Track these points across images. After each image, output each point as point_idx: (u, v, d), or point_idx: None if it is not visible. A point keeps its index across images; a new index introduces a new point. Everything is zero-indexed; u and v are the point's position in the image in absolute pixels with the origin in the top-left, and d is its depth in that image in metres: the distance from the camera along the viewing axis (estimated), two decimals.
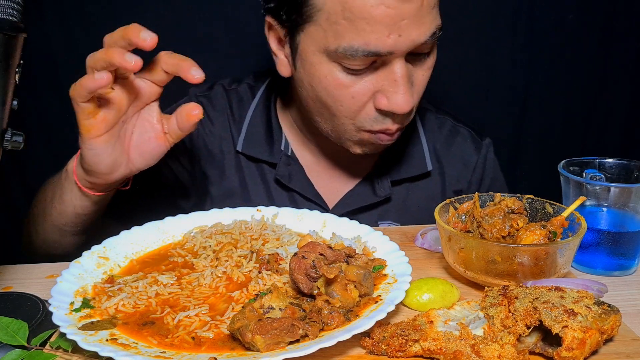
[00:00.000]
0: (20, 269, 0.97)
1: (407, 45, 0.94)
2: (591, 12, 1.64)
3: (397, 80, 0.96)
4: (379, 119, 1.01)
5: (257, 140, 1.20)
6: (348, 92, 0.99)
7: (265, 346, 0.65)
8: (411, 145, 1.21)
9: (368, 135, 1.05)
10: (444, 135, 1.26)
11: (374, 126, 1.02)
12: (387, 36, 0.92)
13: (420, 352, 0.68)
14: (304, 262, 0.76)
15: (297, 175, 1.18)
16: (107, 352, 0.63)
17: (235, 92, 1.25)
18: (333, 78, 0.98)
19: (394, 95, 0.97)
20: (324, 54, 0.97)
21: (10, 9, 0.70)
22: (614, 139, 1.79)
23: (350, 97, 0.99)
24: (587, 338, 0.64)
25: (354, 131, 1.05)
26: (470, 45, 1.63)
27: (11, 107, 0.75)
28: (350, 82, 0.98)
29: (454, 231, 0.83)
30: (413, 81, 1.00)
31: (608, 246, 0.91)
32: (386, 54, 0.94)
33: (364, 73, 0.97)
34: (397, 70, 0.96)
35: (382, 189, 1.18)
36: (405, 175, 1.20)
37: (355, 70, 0.97)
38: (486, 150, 1.27)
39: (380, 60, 0.96)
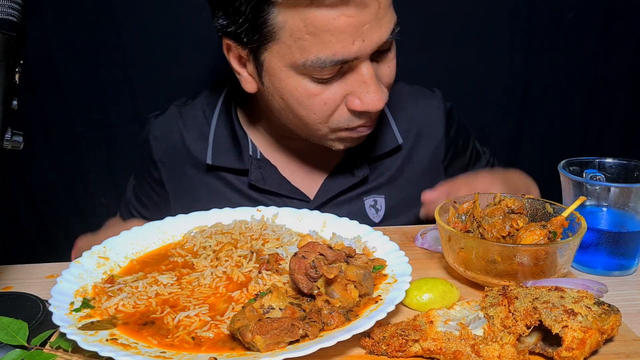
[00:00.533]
0: (20, 269, 0.97)
1: (371, 47, 0.97)
2: (590, 12, 1.64)
3: (366, 82, 0.99)
4: (353, 118, 1.04)
5: (225, 151, 1.20)
6: (319, 100, 1.01)
7: (265, 346, 0.65)
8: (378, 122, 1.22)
9: (345, 132, 1.07)
10: (404, 102, 1.28)
11: (351, 124, 1.05)
12: (352, 43, 0.94)
13: (420, 352, 0.68)
14: (304, 262, 0.76)
15: (271, 176, 1.19)
16: (107, 352, 0.63)
17: (191, 109, 1.25)
18: (304, 89, 1.00)
19: (365, 96, 1.00)
20: (292, 68, 0.98)
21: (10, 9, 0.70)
22: (614, 139, 1.79)
23: (322, 104, 1.01)
24: (587, 338, 0.64)
25: (330, 133, 1.07)
26: (470, 45, 1.63)
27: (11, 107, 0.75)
28: (321, 90, 1.00)
29: (454, 231, 0.83)
30: (380, 77, 1.03)
31: (608, 246, 0.91)
32: (353, 60, 0.96)
33: (333, 79, 1.00)
34: (365, 72, 0.98)
35: (359, 170, 1.20)
36: (379, 153, 1.22)
37: (324, 79, 0.99)
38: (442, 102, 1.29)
39: (347, 65, 0.98)
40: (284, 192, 1.19)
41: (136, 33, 1.53)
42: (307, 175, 1.22)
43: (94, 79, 1.56)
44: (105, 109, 1.59)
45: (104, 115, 1.59)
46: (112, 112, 1.59)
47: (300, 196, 1.19)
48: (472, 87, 1.67)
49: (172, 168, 1.23)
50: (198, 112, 1.24)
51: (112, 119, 1.60)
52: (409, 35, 1.57)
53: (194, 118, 1.24)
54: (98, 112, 1.59)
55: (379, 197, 1.22)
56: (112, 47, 1.53)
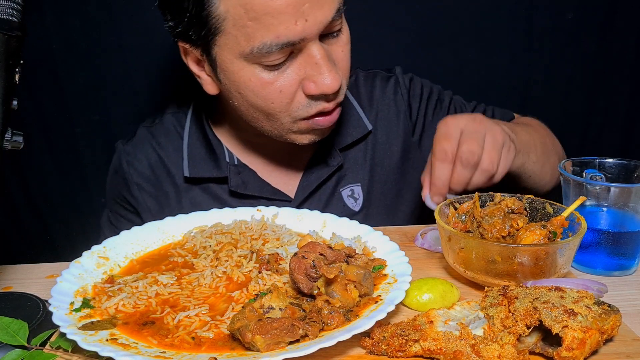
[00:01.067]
0: (20, 269, 0.97)
1: (316, 27, 0.96)
2: (591, 12, 1.64)
3: (318, 63, 0.99)
4: (311, 103, 1.03)
5: (201, 161, 1.19)
6: (275, 88, 1.00)
7: (265, 346, 0.65)
8: (346, 111, 1.24)
9: (305, 123, 1.06)
10: (364, 89, 1.29)
11: (309, 111, 1.04)
12: (295, 24, 0.93)
13: (420, 352, 0.68)
14: (304, 262, 0.76)
15: (251, 180, 1.19)
16: (107, 352, 0.63)
17: (161, 126, 1.24)
18: (257, 79, 1.00)
19: (319, 77, 0.99)
20: (242, 58, 0.98)
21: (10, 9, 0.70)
22: (614, 139, 1.79)
23: (278, 92, 1.01)
24: (587, 338, 0.64)
25: (291, 123, 1.06)
26: (470, 45, 1.63)
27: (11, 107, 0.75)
28: (274, 78, 1.00)
29: (454, 231, 0.83)
30: (334, 59, 1.02)
31: (608, 246, 0.91)
32: (299, 41, 0.96)
33: (285, 65, 0.99)
34: (315, 53, 0.98)
35: (332, 158, 1.20)
36: (350, 140, 1.22)
37: (275, 66, 0.99)
38: (402, 78, 1.30)
39: (297, 48, 0.98)
40: (266, 195, 1.18)
41: (136, 33, 1.53)
42: (284, 175, 1.23)
43: (94, 79, 1.56)
44: (105, 109, 1.59)
45: (104, 115, 1.59)
46: (112, 112, 1.59)
47: (281, 197, 1.19)
48: (473, 87, 1.67)
49: (151, 190, 1.21)
50: (169, 128, 1.24)
51: (112, 119, 1.60)
52: (410, 35, 1.58)
53: (167, 135, 1.23)
54: (98, 112, 1.59)
55: (355, 186, 1.23)
56: (112, 47, 1.53)
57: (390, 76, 1.30)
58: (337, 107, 1.07)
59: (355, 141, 1.23)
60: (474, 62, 1.64)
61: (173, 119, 1.24)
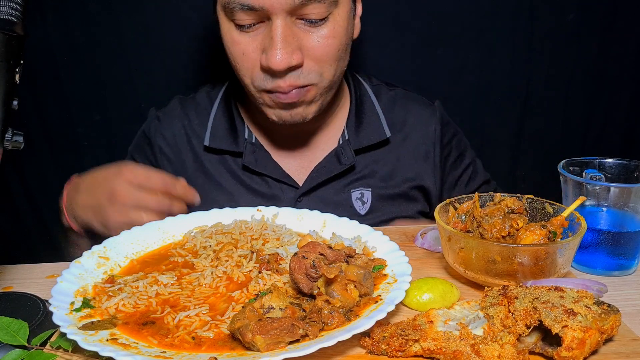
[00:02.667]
0: (20, 269, 0.97)
1: (279, 1, 1.00)
2: (591, 12, 1.64)
3: (273, 38, 1.02)
4: (268, 78, 1.07)
5: (222, 134, 1.25)
6: (239, 49, 1.07)
7: (266, 346, 0.65)
8: (368, 115, 1.28)
9: (267, 96, 1.11)
10: (398, 104, 1.32)
11: (266, 85, 1.08)
12: None
13: (420, 352, 0.68)
14: (304, 262, 0.76)
15: (264, 160, 1.24)
16: (107, 352, 0.63)
17: (193, 100, 1.32)
18: (230, 35, 1.08)
19: (270, 51, 1.03)
20: (222, 12, 1.07)
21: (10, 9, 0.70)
22: (614, 139, 1.79)
23: (241, 53, 1.08)
24: (586, 338, 0.64)
25: (257, 92, 1.11)
26: (471, 46, 1.63)
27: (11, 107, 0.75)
28: (241, 39, 1.07)
29: (454, 231, 0.83)
30: (302, 44, 1.05)
31: (608, 246, 0.91)
32: (260, 9, 1.01)
33: (253, 32, 1.05)
34: (275, 27, 1.02)
35: (346, 157, 1.23)
36: (366, 143, 1.25)
37: (244, 28, 1.05)
38: (439, 111, 1.32)
39: (265, 17, 1.03)
40: (275, 176, 1.23)
41: (137, 33, 1.53)
42: (297, 163, 1.27)
43: (95, 79, 1.56)
44: (106, 109, 1.59)
45: (104, 115, 1.60)
46: (113, 112, 1.59)
47: (290, 182, 1.23)
48: (473, 87, 1.67)
49: (171, 156, 1.28)
50: (200, 103, 1.31)
51: (113, 119, 1.60)
52: (412, 36, 1.58)
53: (196, 108, 1.31)
54: (98, 112, 1.59)
55: (365, 190, 1.25)
56: (112, 47, 1.54)
57: (428, 106, 1.33)
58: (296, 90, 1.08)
59: (373, 146, 1.25)
60: (475, 62, 1.64)
61: (205, 96, 1.32)
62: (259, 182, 1.24)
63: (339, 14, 1.07)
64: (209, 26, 1.56)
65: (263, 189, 1.23)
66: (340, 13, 1.08)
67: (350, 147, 1.24)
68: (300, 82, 1.08)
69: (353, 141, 1.24)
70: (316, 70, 1.08)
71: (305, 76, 1.08)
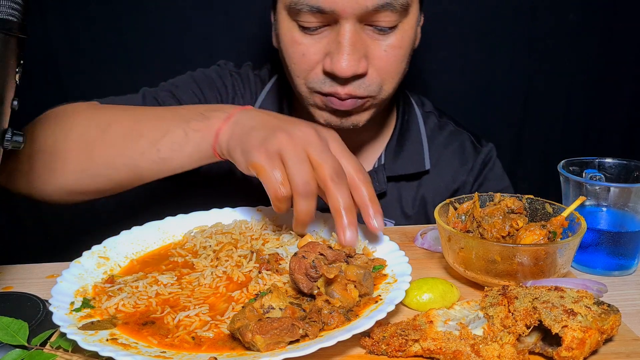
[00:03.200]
0: (20, 269, 0.97)
1: (351, 5, 0.95)
2: (592, 12, 1.64)
3: (340, 42, 0.98)
4: (327, 81, 1.03)
5: None
6: (299, 50, 1.03)
7: (265, 346, 0.65)
8: (412, 143, 1.22)
9: (319, 97, 1.06)
10: (443, 138, 1.27)
11: (323, 88, 1.04)
12: None
13: (420, 352, 0.68)
14: (304, 262, 0.76)
15: None
16: (107, 352, 0.63)
17: (259, 76, 1.29)
18: (290, 35, 1.03)
19: (336, 57, 0.99)
20: (286, 10, 1.02)
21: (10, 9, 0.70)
22: (614, 139, 1.79)
23: (301, 54, 1.03)
24: (586, 338, 0.64)
25: (308, 93, 1.07)
26: (471, 46, 1.63)
27: (11, 107, 0.75)
28: (303, 41, 1.02)
29: (454, 231, 0.83)
30: (368, 52, 1.01)
31: (608, 246, 0.91)
32: (330, 12, 0.96)
33: (317, 34, 1.01)
34: (343, 32, 0.97)
35: (377, 183, 1.18)
36: (402, 172, 1.20)
37: (309, 30, 1.00)
38: (485, 154, 1.28)
39: (332, 20, 0.98)
40: None
41: (138, 33, 1.53)
42: None
43: (95, 79, 1.56)
44: None
45: None
46: None
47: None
48: (474, 87, 1.67)
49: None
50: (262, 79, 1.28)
51: None
52: None
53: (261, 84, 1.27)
54: None
55: (389, 222, 1.21)
56: (113, 47, 1.54)
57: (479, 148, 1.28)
58: (352, 99, 1.04)
59: (409, 176, 1.21)
60: (475, 63, 1.65)
61: (267, 76, 1.29)
62: None
63: (407, 23, 1.03)
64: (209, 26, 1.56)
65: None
66: (409, 22, 1.04)
67: (384, 173, 1.19)
68: (360, 93, 1.03)
69: (388, 167, 1.19)
70: (377, 82, 1.04)
71: (365, 87, 1.03)
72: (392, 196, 1.21)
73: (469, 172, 1.26)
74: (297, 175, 0.81)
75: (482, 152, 1.27)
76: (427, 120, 1.28)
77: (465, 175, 1.26)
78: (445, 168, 1.25)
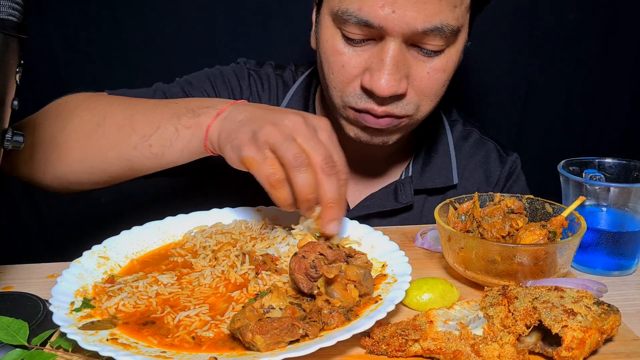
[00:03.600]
0: (20, 269, 0.97)
1: (400, 25, 0.92)
2: (592, 12, 1.64)
3: (383, 60, 0.95)
4: (363, 97, 1.01)
5: None
6: (340, 60, 1.00)
7: (266, 346, 0.65)
8: (441, 156, 1.20)
9: (353, 113, 1.04)
10: (468, 147, 1.25)
11: (359, 103, 1.01)
12: (381, 7, 0.92)
13: (420, 352, 0.68)
14: (304, 262, 0.76)
15: None
16: (107, 351, 0.63)
17: (281, 77, 1.26)
18: (332, 43, 1.00)
19: (376, 74, 0.96)
20: (331, 17, 0.99)
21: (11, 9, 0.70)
22: (614, 139, 1.79)
23: (340, 65, 1.00)
24: (586, 338, 0.64)
25: (342, 107, 1.05)
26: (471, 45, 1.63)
27: (11, 107, 0.75)
28: (345, 51, 0.99)
29: (453, 231, 0.84)
30: (410, 73, 0.99)
31: (608, 246, 0.91)
32: (378, 27, 0.93)
33: (360, 47, 0.98)
34: (387, 49, 0.95)
35: (404, 195, 1.16)
36: (430, 185, 1.18)
37: (352, 41, 0.98)
38: (511, 165, 1.26)
39: (378, 36, 0.96)
40: None
41: (138, 33, 1.53)
42: (358, 181, 1.20)
43: (95, 79, 1.56)
44: None
45: None
46: None
47: None
48: (474, 88, 1.67)
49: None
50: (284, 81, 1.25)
51: None
52: None
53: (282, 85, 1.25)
54: None
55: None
56: (113, 47, 1.54)
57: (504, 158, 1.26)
58: (388, 118, 1.02)
59: (435, 190, 1.18)
60: (475, 63, 1.64)
61: (291, 77, 1.26)
62: None
63: (454, 48, 1.01)
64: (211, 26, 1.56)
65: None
66: (457, 47, 1.01)
67: (411, 185, 1.17)
68: (397, 112, 1.01)
69: (416, 180, 1.17)
70: (415, 103, 1.02)
71: (403, 107, 1.01)
72: (419, 209, 1.19)
73: (493, 186, 1.24)
74: (287, 152, 0.80)
75: (507, 162, 1.25)
76: (453, 130, 1.26)
77: (490, 188, 1.24)
78: (470, 179, 1.23)
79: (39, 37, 1.49)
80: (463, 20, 0.99)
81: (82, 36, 1.52)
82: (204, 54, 1.56)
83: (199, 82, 1.23)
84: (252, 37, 1.57)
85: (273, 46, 1.59)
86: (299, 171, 0.80)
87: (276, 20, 1.57)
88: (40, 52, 1.51)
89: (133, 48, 1.54)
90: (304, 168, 0.80)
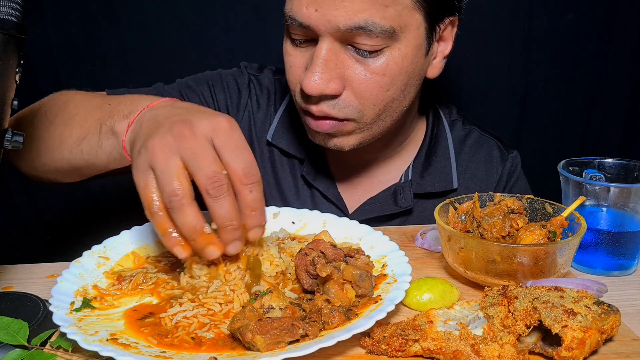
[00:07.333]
0: (20, 269, 0.97)
1: (323, 23, 0.93)
2: (590, 12, 1.64)
3: (313, 59, 0.96)
4: (305, 97, 1.01)
5: (287, 133, 1.19)
6: (289, 61, 1.03)
7: (266, 346, 0.65)
8: (440, 160, 1.19)
9: (305, 117, 1.05)
10: (469, 147, 1.24)
11: (302, 104, 1.03)
12: (306, 7, 0.93)
13: (420, 352, 0.68)
14: (306, 259, 0.76)
15: (321, 174, 1.18)
16: (107, 351, 0.63)
17: (279, 82, 1.25)
18: (285, 45, 1.04)
19: (307, 73, 0.97)
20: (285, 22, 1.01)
21: (10, 9, 0.70)
22: (614, 139, 1.79)
23: (289, 66, 1.04)
24: (586, 338, 0.64)
25: (300, 110, 1.06)
26: (469, 45, 1.63)
27: (11, 107, 0.75)
28: (292, 52, 1.02)
29: (453, 231, 0.84)
30: (346, 74, 0.97)
31: (608, 246, 0.91)
32: (307, 27, 0.95)
33: (304, 48, 1.01)
34: (318, 48, 0.96)
35: (404, 199, 1.15)
36: (430, 189, 1.17)
37: (296, 41, 1.01)
38: (512, 163, 1.25)
39: (314, 36, 0.96)
40: (328, 195, 1.17)
41: (137, 33, 1.53)
42: (356, 185, 1.20)
43: (95, 79, 1.55)
44: None
45: None
46: None
47: (340, 205, 1.18)
48: (472, 87, 1.67)
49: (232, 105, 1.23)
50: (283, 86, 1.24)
51: None
52: None
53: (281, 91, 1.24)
54: None
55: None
56: (112, 47, 1.54)
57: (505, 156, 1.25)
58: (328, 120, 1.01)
59: (435, 194, 1.17)
60: (473, 62, 1.64)
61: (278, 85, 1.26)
62: (309, 194, 1.19)
63: (398, 50, 0.96)
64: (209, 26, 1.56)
65: (310, 203, 1.18)
66: (401, 49, 0.96)
67: (410, 189, 1.15)
68: (335, 114, 0.99)
69: (415, 183, 1.16)
70: (354, 106, 0.99)
71: (341, 108, 0.99)
72: (420, 212, 1.18)
73: (496, 184, 1.24)
74: (164, 187, 0.73)
75: (509, 160, 1.25)
76: (453, 130, 1.25)
77: (492, 187, 1.23)
78: (471, 180, 1.21)
79: (39, 37, 1.49)
80: (402, 21, 0.94)
81: (81, 36, 1.52)
82: (203, 54, 1.56)
83: (198, 85, 1.24)
84: (251, 38, 1.57)
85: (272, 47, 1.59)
86: (176, 212, 0.73)
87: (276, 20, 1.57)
88: (40, 52, 1.51)
89: (132, 48, 1.54)
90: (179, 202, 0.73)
